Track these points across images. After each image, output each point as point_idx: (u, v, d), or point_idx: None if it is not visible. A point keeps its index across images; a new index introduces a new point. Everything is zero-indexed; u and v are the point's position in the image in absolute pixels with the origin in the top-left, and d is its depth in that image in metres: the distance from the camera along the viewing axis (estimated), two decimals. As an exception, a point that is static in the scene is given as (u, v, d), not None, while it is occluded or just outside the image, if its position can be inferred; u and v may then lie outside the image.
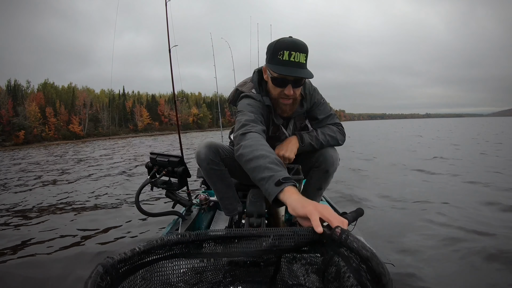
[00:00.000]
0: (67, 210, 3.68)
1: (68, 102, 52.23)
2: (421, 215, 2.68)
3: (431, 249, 2.01)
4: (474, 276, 1.69)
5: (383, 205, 3.06)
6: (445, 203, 2.98)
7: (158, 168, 1.51)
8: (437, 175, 4.53)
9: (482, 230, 2.22)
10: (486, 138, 12.70)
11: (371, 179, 4.52)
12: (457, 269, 1.77)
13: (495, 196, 3.18)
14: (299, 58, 1.17)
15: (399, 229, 2.38)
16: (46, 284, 1.84)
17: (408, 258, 1.91)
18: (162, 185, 1.52)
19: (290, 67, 1.17)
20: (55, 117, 47.62)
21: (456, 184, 3.94)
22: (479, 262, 1.81)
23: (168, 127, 61.94)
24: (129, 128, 57.27)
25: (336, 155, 1.41)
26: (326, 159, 1.38)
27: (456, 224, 2.39)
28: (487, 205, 2.91)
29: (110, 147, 19.03)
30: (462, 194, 3.36)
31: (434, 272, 1.75)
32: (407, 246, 2.08)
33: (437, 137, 14.10)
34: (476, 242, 2.05)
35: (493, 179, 4.06)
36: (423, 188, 3.69)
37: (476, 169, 4.91)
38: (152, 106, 64.15)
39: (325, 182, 1.45)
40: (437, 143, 10.78)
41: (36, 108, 44.87)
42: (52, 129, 46.49)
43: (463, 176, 4.39)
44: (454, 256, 1.91)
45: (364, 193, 3.59)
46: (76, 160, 10.69)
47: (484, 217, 2.57)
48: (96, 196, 4.43)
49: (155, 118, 62.51)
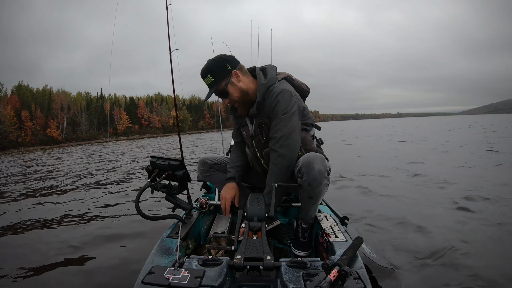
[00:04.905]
0: (62, 220, 3.50)
1: (44, 105, 50.97)
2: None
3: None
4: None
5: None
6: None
7: (159, 171, 1.45)
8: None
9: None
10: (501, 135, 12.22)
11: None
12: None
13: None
14: (206, 81, 1.51)
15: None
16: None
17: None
18: (162, 188, 1.47)
19: (208, 89, 1.52)
20: (31, 121, 46.20)
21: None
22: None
23: (148, 130, 62.05)
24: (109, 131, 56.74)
25: (314, 166, 1.32)
26: (304, 173, 1.34)
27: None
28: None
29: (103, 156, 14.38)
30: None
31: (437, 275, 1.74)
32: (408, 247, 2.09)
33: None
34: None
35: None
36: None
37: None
38: (131, 109, 63.82)
39: (313, 193, 1.37)
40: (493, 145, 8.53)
41: (12, 112, 43.47)
42: (28, 133, 45.02)
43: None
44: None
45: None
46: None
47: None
48: (96, 201, 4.43)
49: (135, 121, 62.35)
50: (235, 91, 1.52)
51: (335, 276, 0.89)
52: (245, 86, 1.53)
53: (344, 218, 1.69)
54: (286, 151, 1.43)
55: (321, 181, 1.34)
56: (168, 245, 1.36)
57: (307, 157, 1.38)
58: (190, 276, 1.03)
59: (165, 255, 1.26)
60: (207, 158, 1.82)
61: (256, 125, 1.58)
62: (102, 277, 1.99)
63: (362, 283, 0.97)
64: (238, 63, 1.55)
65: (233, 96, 1.53)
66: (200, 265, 1.12)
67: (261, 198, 1.40)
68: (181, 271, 1.05)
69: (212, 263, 1.11)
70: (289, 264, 1.09)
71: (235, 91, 1.52)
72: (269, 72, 1.57)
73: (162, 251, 1.30)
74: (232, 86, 1.51)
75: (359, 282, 0.97)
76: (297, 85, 1.66)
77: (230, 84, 1.51)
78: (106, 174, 7.63)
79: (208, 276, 1.04)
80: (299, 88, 1.66)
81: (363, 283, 0.98)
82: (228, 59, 1.52)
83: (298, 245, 1.56)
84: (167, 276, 1.02)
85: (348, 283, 0.93)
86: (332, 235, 1.41)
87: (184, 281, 1.00)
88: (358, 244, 1.19)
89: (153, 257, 1.25)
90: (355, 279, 0.99)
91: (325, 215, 1.67)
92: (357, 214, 2.92)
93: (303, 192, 1.41)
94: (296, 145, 1.47)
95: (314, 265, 1.10)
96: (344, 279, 0.91)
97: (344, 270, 0.90)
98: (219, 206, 2.06)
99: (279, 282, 1.04)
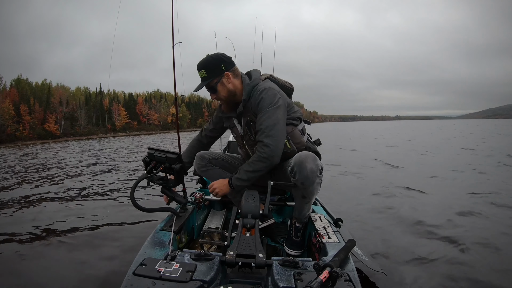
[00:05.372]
0: (55, 198, 3.87)
1: (43, 100, 50.67)
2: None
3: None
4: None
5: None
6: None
7: (156, 163, 1.44)
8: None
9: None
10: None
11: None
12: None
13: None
14: (200, 74, 1.58)
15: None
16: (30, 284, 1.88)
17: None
18: (158, 181, 1.46)
19: (200, 81, 1.58)
20: (29, 115, 45.92)
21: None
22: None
23: (146, 127, 61.81)
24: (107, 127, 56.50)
25: (307, 166, 1.35)
26: (297, 172, 1.37)
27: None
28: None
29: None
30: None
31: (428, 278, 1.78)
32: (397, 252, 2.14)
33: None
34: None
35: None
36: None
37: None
38: (130, 105, 63.58)
39: (305, 192, 1.40)
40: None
41: (10, 105, 43.25)
42: (26, 127, 44.74)
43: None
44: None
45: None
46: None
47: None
48: (87, 188, 4.69)
49: (133, 118, 62.14)
50: (223, 91, 1.60)
51: (326, 277, 0.89)
52: (233, 87, 1.61)
53: (338, 219, 1.69)
54: (271, 141, 1.47)
55: (314, 180, 1.38)
56: (161, 237, 1.37)
57: (299, 156, 1.41)
58: (181, 269, 1.03)
59: (158, 248, 1.27)
60: (205, 153, 1.84)
61: (245, 124, 1.64)
62: (92, 269, 2.00)
63: (353, 285, 0.98)
64: (233, 65, 1.64)
65: (220, 95, 1.61)
66: (192, 259, 1.13)
67: (256, 195, 1.40)
68: (172, 264, 1.06)
69: (204, 258, 1.12)
70: (281, 262, 1.10)
71: (223, 91, 1.60)
72: (253, 74, 1.67)
73: (155, 243, 1.31)
74: (221, 85, 1.59)
75: (349, 284, 0.98)
76: (280, 83, 1.73)
77: (220, 83, 1.59)
78: (104, 167, 7.75)
79: (200, 270, 1.04)
80: (283, 86, 1.73)
81: (354, 285, 0.98)
82: (224, 60, 1.60)
83: (291, 245, 1.59)
84: (158, 268, 1.03)
85: (338, 285, 0.93)
86: (325, 236, 1.42)
87: (175, 274, 1.00)
88: (351, 246, 1.20)
89: (146, 249, 1.26)
90: (345, 281, 0.99)
91: (319, 215, 1.67)
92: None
93: (296, 191, 1.46)
94: (281, 136, 1.50)
95: (306, 265, 1.11)
96: (335, 281, 0.91)
97: (335, 271, 0.90)
98: (214, 201, 2.11)
99: (270, 280, 1.04)
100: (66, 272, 1.99)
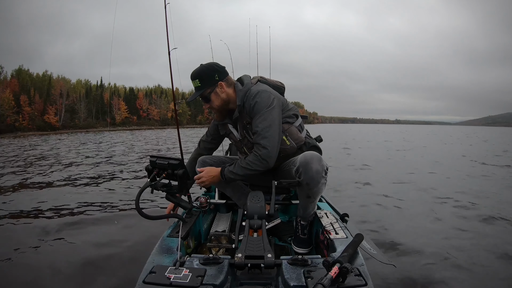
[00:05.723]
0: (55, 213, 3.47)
1: (43, 91, 50.51)
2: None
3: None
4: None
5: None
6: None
7: (158, 171, 1.44)
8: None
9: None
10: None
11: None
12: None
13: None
14: (194, 84, 1.60)
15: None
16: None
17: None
18: (162, 188, 1.46)
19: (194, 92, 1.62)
20: (29, 106, 45.76)
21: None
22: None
23: (146, 122, 61.82)
24: (107, 121, 56.32)
25: (312, 166, 1.36)
26: (302, 173, 1.38)
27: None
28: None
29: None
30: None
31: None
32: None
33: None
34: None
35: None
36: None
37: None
38: (131, 99, 63.49)
39: (310, 192, 1.42)
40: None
41: (11, 96, 43.06)
42: (26, 118, 44.59)
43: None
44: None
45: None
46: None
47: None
48: (92, 198, 4.23)
49: (133, 112, 62.07)
50: (217, 100, 1.62)
51: (336, 273, 0.89)
52: (226, 96, 1.63)
53: (344, 215, 1.69)
54: (267, 142, 1.48)
55: (319, 180, 1.39)
56: (169, 244, 1.36)
57: (304, 156, 1.41)
58: (191, 275, 1.03)
59: (166, 255, 1.26)
60: (207, 157, 1.84)
61: (241, 128, 1.66)
62: (102, 276, 1.97)
63: (363, 280, 0.97)
64: (227, 74, 1.65)
65: (213, 104, 1.63)
66: (201, 264, 1.12)
67: (261, 196, 1.40)
68: (182, 270, 1.05)
69: (213, 262, 1.12)
70: (290, 261, 1.10)
71: (217, 100, 1.62)
72: (245, 79, 1.69)
73: (163, 250, 1.31)
74: (215, 95, 1.61)
75: (360, 279, 0.97)
76: (271, 83, 1.75)
77: (214, 93, 1.61)
78: (105, 167, 7.52)
79: (209, 274, 1.04)
80: (274, 86, 1.75)
81: (364, 279, 0.98)
82: (218, 69, 1.61)
83: (299, 243, 1.60)
84: (168, 275, 1.02)
85: (349, 280, 0.93)
86: (333, 232, 1.42)
87: (185, 280, 1.00)
88: (359, 241, 1.20)
89: (154, 256, 1.25)
90: (356, 275, 0.99)
91: (325, 212, 1.68)
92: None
93: (301, 191, 1.47)
94: (276, 137, 1.52)
95: (315, 263, 1.11)
96: (345, 276, 0.91)
97: (345, 267, 0.90)
98: (219, 205, 2.12)
99: (280, 279, 1.04)
100: (73, 281, 1.95)
